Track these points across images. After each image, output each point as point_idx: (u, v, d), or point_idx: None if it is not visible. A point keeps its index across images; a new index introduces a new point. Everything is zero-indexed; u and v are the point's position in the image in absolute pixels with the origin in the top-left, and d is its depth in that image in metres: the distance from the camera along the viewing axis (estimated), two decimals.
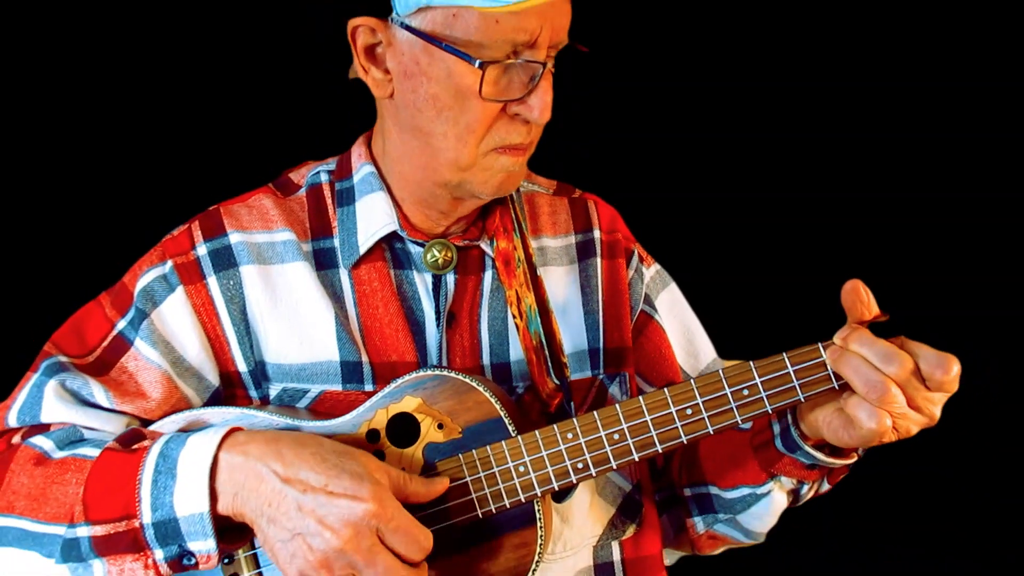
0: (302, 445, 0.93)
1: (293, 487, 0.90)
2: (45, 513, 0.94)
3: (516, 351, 1.16)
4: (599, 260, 1.25)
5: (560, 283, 1.22)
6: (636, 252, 1.29)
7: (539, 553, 1.00)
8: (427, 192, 1.13)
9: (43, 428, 1.04)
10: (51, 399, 1.04)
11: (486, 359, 1.15)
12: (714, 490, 1.18)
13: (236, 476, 0.91)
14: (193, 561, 0.92)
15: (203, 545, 0.91)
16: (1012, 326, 1.95)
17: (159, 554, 0.92)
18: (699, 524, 1.22)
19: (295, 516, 0.89)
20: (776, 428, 1.06)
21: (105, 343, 1.10)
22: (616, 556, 1.21)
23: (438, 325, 1.14)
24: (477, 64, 1.00)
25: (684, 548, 1.28)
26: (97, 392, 1.06)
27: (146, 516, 0.91)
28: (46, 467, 0.97)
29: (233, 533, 0.96)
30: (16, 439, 1.03)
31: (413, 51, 1.03)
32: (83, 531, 0.92)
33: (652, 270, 1.31)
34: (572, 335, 1.20)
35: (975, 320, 1.93)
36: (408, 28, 1.02)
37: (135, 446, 0.97)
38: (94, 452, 0.97)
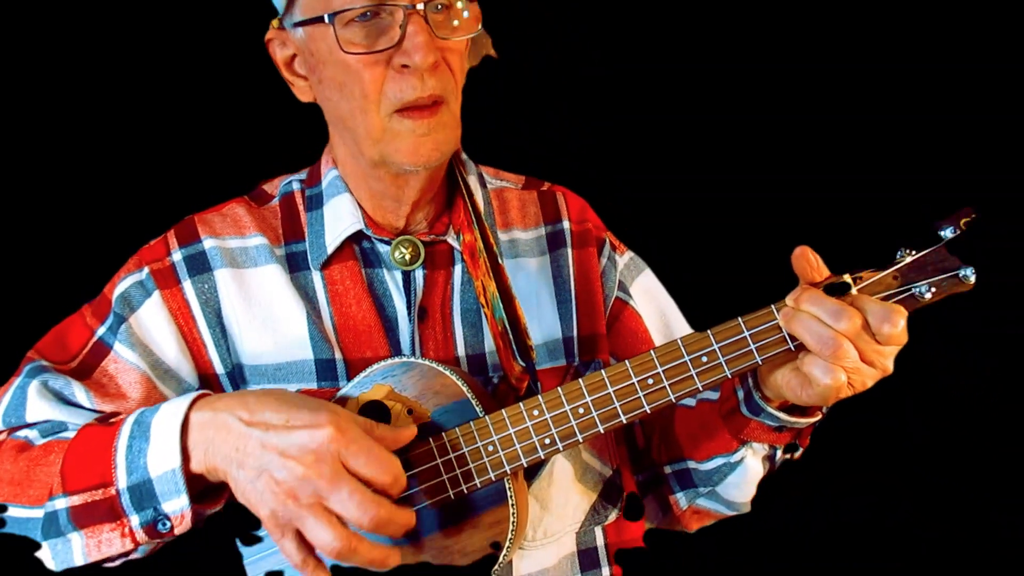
0: (267, 393, 0.96)
1: (256, 428, 0.91)
2: (28, 496, 0.97)
3: (490, 342, 1.18)
4: (569, 250, 1.27)
5: (532, 274, 1.24)
6: (608, 240, 1.32)
7: (512, 530, 1.02)
8: (373, 180, 1.16)
9: (28, 426, 1.07)
10: (34, 398, 1.07)
11: (461, 351, 1.17)
12: (691, 464, 1.19)
13: (206, 432, 0.93)
14: (168, 526, 0.93)
15: (176, 504, 0.93)
16: (1012, 326, 1.92)
17: (135, 520, 0.93)
18: (682, 500, 1.23)
19: (259, 454, 0.90)
20: (740, 394, 1.07)
21: (86, 349, 1.14)
22: (600, 541, 1.21)
23: (410, 320, 1.17)
24: (327, 19, 1.04)
25: (674, 527, 1.29)
26: (79, 392, 1.09)
27: (121, 481, 0.93)
28: (29, 452, 1.00)
29: (208, 497, 0.98)
30: (1, 436, 1.06)
31: (308, 45, 1.10)
32: (61, 503, 0.94)
33: (625, 257, 1.33)
34: (546, 325, 1.22)
35: (975, 320, 1.91)
36: (296, 25, 1.09)
37: (112, 420, 1.00)
38: (74, 434, 1.00)
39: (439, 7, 1.07)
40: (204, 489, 0.96)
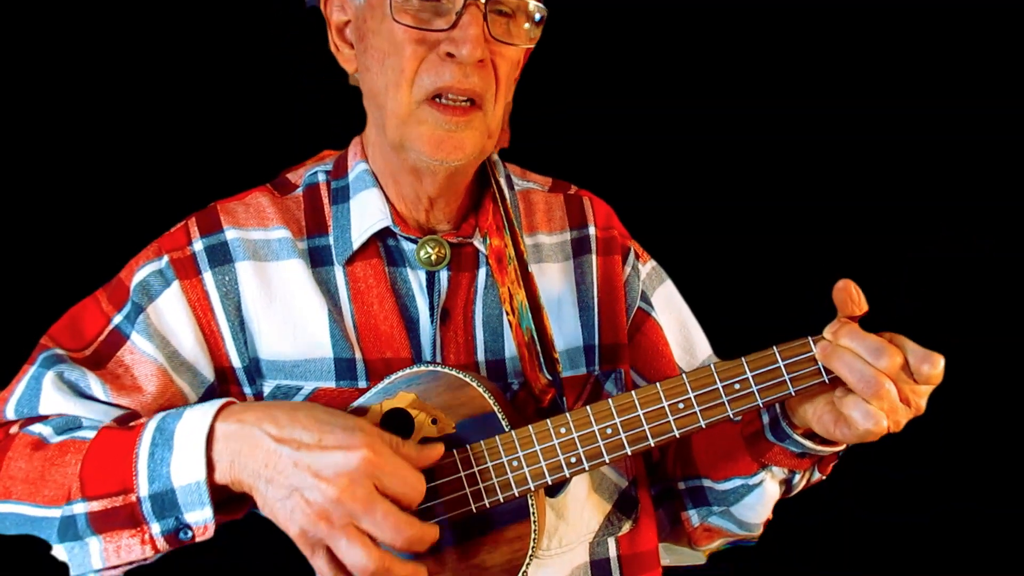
0: (295, 408, 0.94)
1: (287, 446, 0.90)
2: (43, 496, 0.95)
3: (511, 348, 1.16)
4: (594, 257, 1.25)
5: (555, 280, 1.22)
6: (632, 249, 1.30)
7: (533, 547, 1.01)
8: (394, 166, 1.14)
9: (41, 419, 1.04)
10: (49, 390, 1.05)
11: (480, 355, 1.16)
12: (707, 483, 1.18)
13: (232, 444, 0.92)
14: (190, 535, 0.92)
15: (200, 515, 0.92)
16: (1011, 325, 1.93)
17: (156, 528, 0.92)
18: (694, 517, 1.22)
19: (291, 473, 0.89)
20: (765, 418, 1.06)
21: (101, 337, 1.11)
22: (612, 552, 1.21)
23: (432, 321, 1.15)
24: None
25: (681, 542, 1.29)
26: (94, 385, 1.07)
27: (143, 489, 0.92)
28: (45, 451, 0.98)
29: (230, 506, 0.96)
30: (14, 429, 1.03)
31: (363, 11, 1.09)
32: (80, 508, 0.93)
33: (648, 266, 1.31)
34: (567, 332, 1.21)
35: (974, 320, 1.91)
36: None
37: (132, 423, 0.98)
38: (92, 434, 0.98)
39: (503, 11, 1.06)
40: (226, 498, 0.94)
